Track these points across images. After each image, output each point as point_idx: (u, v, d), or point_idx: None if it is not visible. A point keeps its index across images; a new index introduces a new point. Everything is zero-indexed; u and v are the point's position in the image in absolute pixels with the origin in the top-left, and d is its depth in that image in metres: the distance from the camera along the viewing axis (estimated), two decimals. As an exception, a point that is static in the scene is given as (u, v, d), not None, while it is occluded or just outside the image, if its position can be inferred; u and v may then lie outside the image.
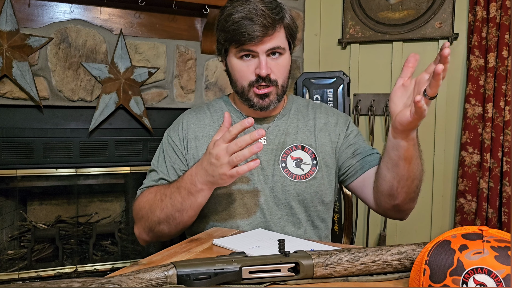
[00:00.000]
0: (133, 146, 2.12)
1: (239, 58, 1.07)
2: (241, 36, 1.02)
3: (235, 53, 1.07)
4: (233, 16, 1.03)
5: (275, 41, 1.05)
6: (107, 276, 0.64)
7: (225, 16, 1.06)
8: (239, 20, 1.02)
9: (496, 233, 0.60)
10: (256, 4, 1.02)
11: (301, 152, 1.14)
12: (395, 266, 0.73)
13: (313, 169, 1.13)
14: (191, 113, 1.22)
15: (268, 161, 1.13)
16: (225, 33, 1.06)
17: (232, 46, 1.07)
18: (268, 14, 1.02)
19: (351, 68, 2.42)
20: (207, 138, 1.15)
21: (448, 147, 2.30)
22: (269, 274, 0.69)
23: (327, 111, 1.23)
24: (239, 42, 1.04)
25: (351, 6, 2.39)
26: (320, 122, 1.19)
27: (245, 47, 1.04)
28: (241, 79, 1.09)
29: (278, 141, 1.15)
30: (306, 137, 1.17)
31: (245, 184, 1.11)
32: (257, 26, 1.01)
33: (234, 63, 1.09)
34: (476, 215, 2.17)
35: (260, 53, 1.04)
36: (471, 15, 2.18)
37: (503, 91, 2.09)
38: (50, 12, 1.93)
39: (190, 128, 1.17)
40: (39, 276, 2.01)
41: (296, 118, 1.20)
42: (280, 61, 1.08)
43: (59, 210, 2.28)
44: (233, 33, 1.03)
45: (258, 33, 1.01)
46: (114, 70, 2.01)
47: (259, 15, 1.01)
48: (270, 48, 1.05)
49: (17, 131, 1.92)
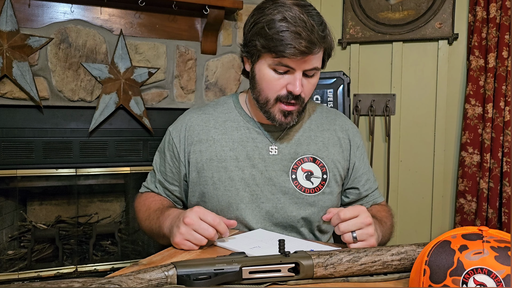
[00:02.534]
0: (133, 146, 2.12)
1: (272, 68, 0.99)
2: (286, 48, 0.93)
3: (270, 63, 0.99)
4: (279, 24, 0.94)
5: (315, 61, 0.98)
6: (107, 276, 0.64)
7: (269, 20, 0.95)
8: (285, 30, 0.93)
9: (496, 234, 0.60)
10: (303, 15, 0.93)
11: (312, 164, 1.10)
12: (395, 266, 0.73)
13: (322, 183, 1.09)
14: (197, 112, 1.15)
15: (277, 171, 1.08)
16: (265, 40, 0.96)
17: (268, 54, 0.97)
18: (317, 30, 0.94)
19: (351, 68, 2.42)
20: (211, 142, 1.09)
21: (448, 147, 2.30)
22: (269, 274, 0.69)
23: (342, 124, 1.18)
24: (281, 54, 0.94)
25: (351, 6, 2.39)
26: (334, 136, 1.15)
27: (284, 61, 0.96)
28: (268, 90, 1.01)
29: (289, 151, 1.10)
30: (318, 149, 1.11)
31: (248, 194, 1.07)
32: (304, 42, 0.92)
33: (265, 73, 1.00)
34: (476, 215, 2.17)
35: (297, 70, 0.97)
36: (471, 16, 2.18)
37: (503, 92, 2.09)
38: (50, 12, 1.93)
39: (194, 130, 1.11)
40: (39, 276, 2.01)
41: (309, 127, 1.14)
42: (313, 81, 1.02)
43: (59, 210, 2.28)
44: (276, 42, 0.94)
45: (304, 49, 0.93)
46: (114, 70, 2.01)
47: (308, 29, 0.93)
48: (310, 68, 0.98)
49: (17, 131, 1.92)
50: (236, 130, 1.11)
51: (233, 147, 1.08)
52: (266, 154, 1.08)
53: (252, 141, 1.09)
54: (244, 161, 1.08)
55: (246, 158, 1.08)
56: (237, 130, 1.10)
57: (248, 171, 1.07)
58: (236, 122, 1.12)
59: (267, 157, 1.08)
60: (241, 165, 1.07)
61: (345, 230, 0.87)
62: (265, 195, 1.07)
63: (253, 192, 1.07)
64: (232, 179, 1.07)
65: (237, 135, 1.10)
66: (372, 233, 0.88)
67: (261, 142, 1.09)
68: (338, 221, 0.88)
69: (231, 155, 1.08)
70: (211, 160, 1.08)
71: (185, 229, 0.87)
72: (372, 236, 0.88)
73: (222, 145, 1.09)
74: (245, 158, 1.08)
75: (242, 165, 1.07)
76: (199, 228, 0.87)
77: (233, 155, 1.08)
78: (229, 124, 1.12)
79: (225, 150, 1.08)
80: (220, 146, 1.09)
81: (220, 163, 1.08)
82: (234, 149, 1.08)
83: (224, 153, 1.08)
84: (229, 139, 1.09)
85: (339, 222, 0.88)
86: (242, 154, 1.08)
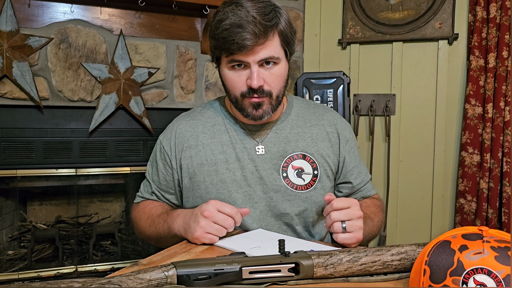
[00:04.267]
0: (133, 146, 2.12)
1: (230, 68, 1.01)
2: (230, 44, 0.95)
3: (226, 62, 1.01)
4: (223, 23, 0.95)
5: (267, 50, 0.97)
6: (107, 277, 0.64)
7: (216, 22, 0.98)
8: (228, 27, 0.94)
9: (496, 234, 0.60)
10: (248, 10, 0.94)
11: (303, 161, 1.10)
12: (395, 266, 0.73)
13: (313, 179, 1.10)
14: (185, 119, 1.16)
15: (267, 170, 1.08)
16: (215, 41, 0.99)
17: (223, 54, 1.00)
18: (260, 20, 0.94)
19: (351, 68, 2.42)
20: (201, 147, 1.10)
21: (448, 147, 2.30)
22: (269, 274, 0.69)
23: (330, 118, 1.17)
24: (229, 51, 0.97)
25: (351, 6, 2.39)
26: (322, 131, 1.14)
27: (235, 57, 0.97)
28: (233, 89, 1.03)
29: (277, 149, 1.10)
30: (307, 145, 1.11)
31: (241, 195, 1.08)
32: (246, 34, 0.93)
33: (225, 73, 1.03)
34: (476, 215, 2.17)
35: (251, 63, 0.97)
36: (471, 16, 2.18)
37: (503, 92, 2.09)
38: (50, 12, 1.93)
39: (184, 136, 1.12)
40: (39, 276, 2.01)
41: (297, 124, 1.14)
42: (275, 71, 1.00)
43: (59, 210, 2.28)
44: (222, 41, 0.96)
45: (248, 42, 0.94)
46: (114, 70, 2.01)
47: (250, 21, 0.93)
48: (262, 58, 0.97)
49: (17, 131, 1.92)
50: (224, 133, 1.11)
51: (223, 150, 1.10)
52: (254, 154, 1.09)
53: (240, 143, 1.10)
54: (234, 163, 1.09)
55: (236, 159, 1.09)
56: (225, 133, 1.11)
57: (239, 173, 1.08)
58: (223, 125, 1.13)
59: (255, 157, 1.09)
60: (231, 167, 1.08)
61: (335, 219, 0.90)
62: (257, 195, 1.08)
63: (246, 192, 1.08)
64: (224, 181, 1.08)
65: (225, 138, 1.11)
66: (361, 226, 0.91)
67: (248, 142, 1.10)
68: (331, 209, 0.91)
69: (221, 158, 1.09)
70: (202, 165, 1.09)
71: (205, 222, 0.90)
72: (360, 229, 0.91)
73: (211, 149, 1.10)
74: (235, 160, 1.09)
75: (233, 167, 1.08)
76: (219, 220, 0.90)
77: (223, 158, 1.09)
78: (217, 127, 1.12)
79: (215, 153, 1.09)
80: (210, 150, 1.10)
81: (211, 167, 1.08)
82: (223, 152, 1.09)
83: (214, 157, 1.09)
84: (218, 142, 1.10)
85: (331, 210, 0.90)
86: (231, 156, 1.09)
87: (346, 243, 0.90)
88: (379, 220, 1.11)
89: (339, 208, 0.90)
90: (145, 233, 1.12)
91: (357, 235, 0.90)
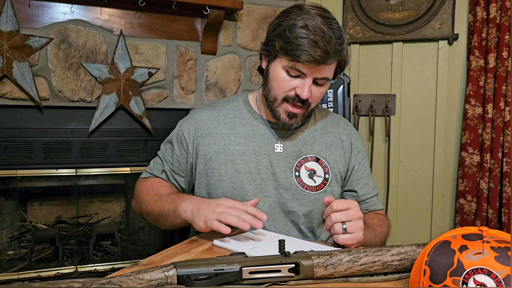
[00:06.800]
0: (133, 147, 2.12)
1: (285, 70, 1.03)
2: (302, 53, 0.97)
3: (284, 64, 1.03)
4: (300, 30, 0.97)
5: (327, 71, 1.02)
6: (107, 277, 0.64)
7: (290, 25, 0.99)
8: (304, 37, 0.96)
9: (496, 234, 0.60)
10: (324, 26, 0.97)
11: (315, 163, 1.14)
12: (395, 266, 0.73)
13: (324, 182, 1.13)
14: (208, 108, 1.20)
15: (281, 167, 1.12)
16: (284, 42, 1.00)
17: (285, 56, 1.02)
18: (334, 42, 0.97)
19: (351, 68, 2.42)
20: (220, 136, 1.14)
21: (448, 147, 2.30)
22: (269, 274, 0.69)
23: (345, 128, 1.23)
24: (296, 59, 0.99)
25: (351, 6, 2.40)
26: (337, 138, 1.19)
27: (298, 65, 1.00)
28: (278, 89, 1.06)
29: (294, 149, 1.14)
30: (322, 149, 1.16)
31: (253, 187, 1.10)
32: (320, 51, 0.96)
33: (278, 72, 1.05)
34: (476, 215, 2.17)
35: (308, 76, 1.01)
36: (471, 16, 2.18)
37: (503, 92, 2.09)
38: (50, 13, 1.93)
39: (204, 123, 1.16)
40: (39, 276, 2.01)
41: (314, 128, 1.19)
42: (322, 90, 1.06)
43: (59, 210, 2.28)
44: (293, 46, 0.98)
45: (319, 59, 0.97)
46: (114, 70, 2.01)
47: (326, 40, 0.96)
48: (320, 77, 1.02)
49: (17, 131, 1.92)
50: (245, 126, 1.15)
51: (241, 142, 1.13)
52: (271, 151, 1.13)
53: (259, 137, 1.14)
54: (250, 155, 1.12)
55: (252, 153, 1.12)
56: (245, 126, 1.15)
57: (254, 166, 1.11)
58: (245, 118, 1.16)
59: (272, 153, 1.12)
60: (247, 159, 1.11)
61: (336, 220, 0.90)
62: (269, 190, 1.11)
63: (258, 186, 1.10)
64: (238, 171, 1.10)
65: (245, 131, 1.14)
66: (362, 227, 0.91)
67: (267, 138, 1.14)
68: (330, 210, 0.91)
69: (238, 149, 1.12)
70: (219, 153, 1.12)
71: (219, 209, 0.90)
72: (361, 230, 0.91)
73: (230, 140, 1.13)
74: (251, 153, 1.12)
75: (248, 159, 1.11)
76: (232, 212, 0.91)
77: (240, 150, 1.12)
78: (238, 120, 1.16)
79: (233, 144, 1.13)
80: (228, 140, 1.13)
81: (227, 156, 1.12)
82: (241, 144, 1.13)
83: (232, 147, 1.12)
84: (237, 134, 1.14)
85: (331, 212, 0.91)
86: (248, 149, 1.12)
87: (346, 244, 0.90)
88: (381, 232, 1.11)
89: (339, 210, 0.91)
90: (147, 207, 1.12)
91: (357, 235, 0.90)
